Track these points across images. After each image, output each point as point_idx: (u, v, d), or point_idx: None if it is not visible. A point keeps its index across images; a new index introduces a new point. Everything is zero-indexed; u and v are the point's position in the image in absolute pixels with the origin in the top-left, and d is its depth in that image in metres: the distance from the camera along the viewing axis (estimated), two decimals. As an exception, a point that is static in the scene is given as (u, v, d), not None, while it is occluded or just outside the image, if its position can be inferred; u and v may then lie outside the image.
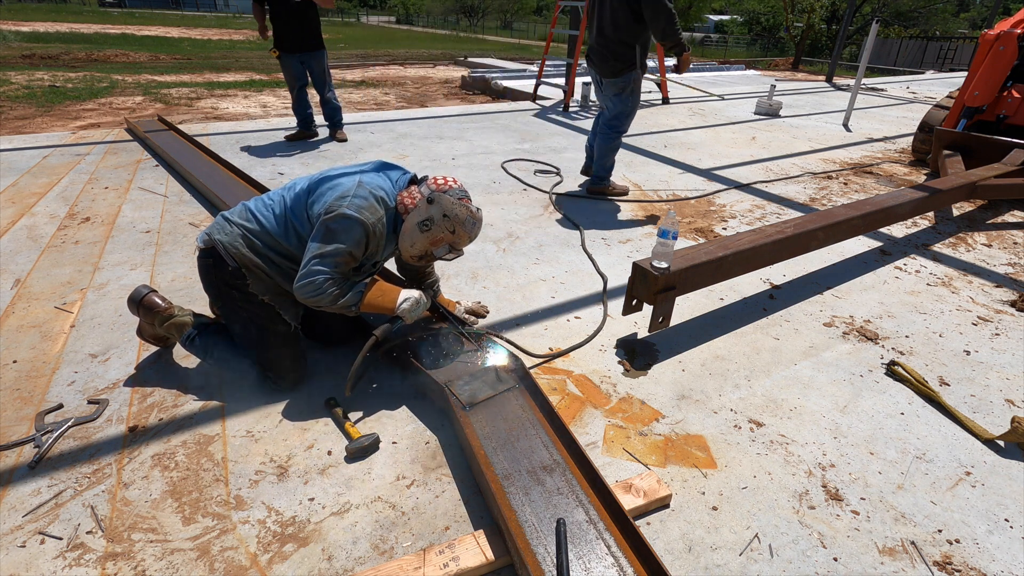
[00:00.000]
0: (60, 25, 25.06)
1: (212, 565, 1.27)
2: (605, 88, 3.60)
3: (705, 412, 1.84)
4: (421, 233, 1.75)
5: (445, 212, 1.73)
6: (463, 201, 1.76)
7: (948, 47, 23.14)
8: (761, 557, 1.35)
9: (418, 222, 1.74)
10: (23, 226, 3.00)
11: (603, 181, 3.87)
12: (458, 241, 1.79)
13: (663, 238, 1.96)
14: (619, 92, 3.54)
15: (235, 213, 1.81)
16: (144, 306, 1.89)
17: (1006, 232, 3.59)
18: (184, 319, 1.89)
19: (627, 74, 3.46)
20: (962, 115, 4.52)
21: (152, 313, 1.89)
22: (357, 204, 1.67)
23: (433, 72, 14.29)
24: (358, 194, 1.69)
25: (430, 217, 1.73)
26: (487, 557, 1.27)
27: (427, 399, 1.83)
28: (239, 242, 1.73)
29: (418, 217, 1.74)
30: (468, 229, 1.77)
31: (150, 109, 7.53)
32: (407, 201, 1.77)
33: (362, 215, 1.66)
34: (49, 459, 1.54)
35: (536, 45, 30.53)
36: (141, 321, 1.93)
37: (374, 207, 1.70)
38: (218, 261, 1.75)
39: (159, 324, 1.89)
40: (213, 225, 1.80)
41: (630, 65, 3.43)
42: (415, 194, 1.78)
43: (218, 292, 1.82)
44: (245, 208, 1.81)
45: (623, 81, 3.49)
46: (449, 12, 61.88)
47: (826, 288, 2.72)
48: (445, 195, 1.74)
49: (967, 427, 1.81)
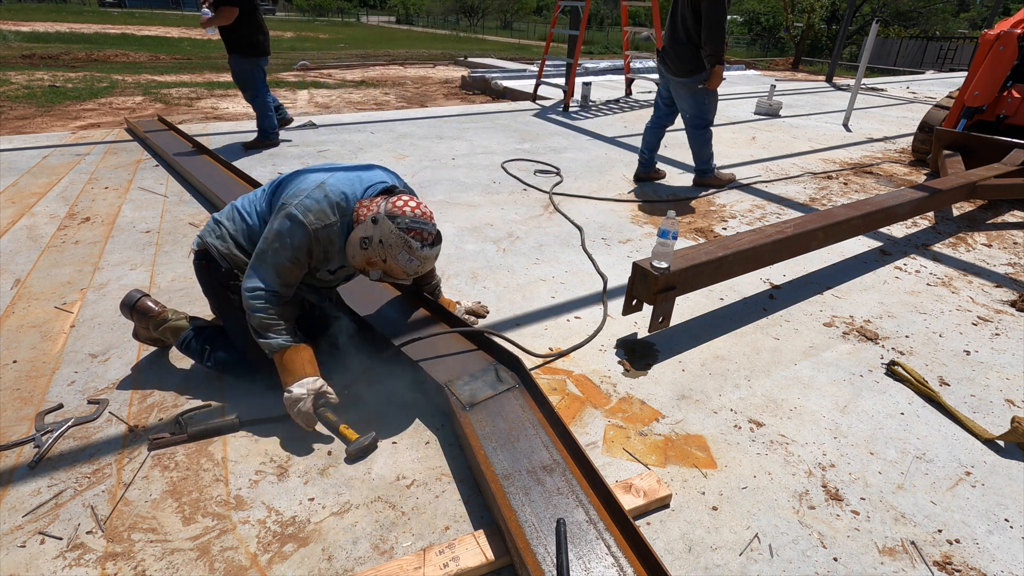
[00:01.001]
0: (60, 25, 25.06)
1: (212, 565, 1.27)
2: (675, 89, 3.85)
3: (705, 412, 1.84)
4: (360, 249, 1.63)
5: (382, 238, 1.58)
6: (410, 233, 1.57)
7: (948, 47, 23.12)
8: (761, 557, 1.35)
9: (360, 237, 1.62)
10: (23, 226, 3.00)
11: (706, 173, 4.12)
12: (391, 271, 1.64)
13: (663, 238, 1.96)
14: (691, 92, 3.78)
15: (223, 214, 1.80)
16: (138, 311, 1.89)
17: (1006, 232, 3.59)
18: (178, 323, 1.89)
19: (696, 75, 3.69)
20: (962, 115, 4.52)
21: (146, 318, 1.89)
22: (305, 205, 1.60)
23: (433, 72, 14.29)
24: (312, 195, 1.62)
25: (369, 237, 1.60)
26: (487, 557, 1.27)
27: (427, 399, 1.83)
28: (229, 242, 1.74)
29: (361, 232, 1.62)
30: (402, 264, 1.60)
31: (150, 109, 7.53)
32: (361, 211, 1.64)
33: (306, 218, 1.58)
34: (49, 459, 1.54)
35: (536, 45, 30.53)
36: (136, 325, 1.93)
37: (324, 212, 1.60)
38: (211, 263, 1.76)
39: (154, 328, 1.89)
40: (205, 227, 1.80)
41: (699, 67, 3.65)
42: (372, 207, 1.63)
43: (213, 293, 1.82)
44: (232, 208, 1.80)
45: (693, 81, 3.72)
46: (449, 12, 61.89)
47: (826, 288, 2.72)
48: (391, 220, 1.57)
49: (967, 427, 1.81)
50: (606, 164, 4.67)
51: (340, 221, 1.64)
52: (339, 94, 9.95)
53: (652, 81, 7.95)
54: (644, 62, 11.82)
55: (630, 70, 8.21)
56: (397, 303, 2.19)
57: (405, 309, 2.16)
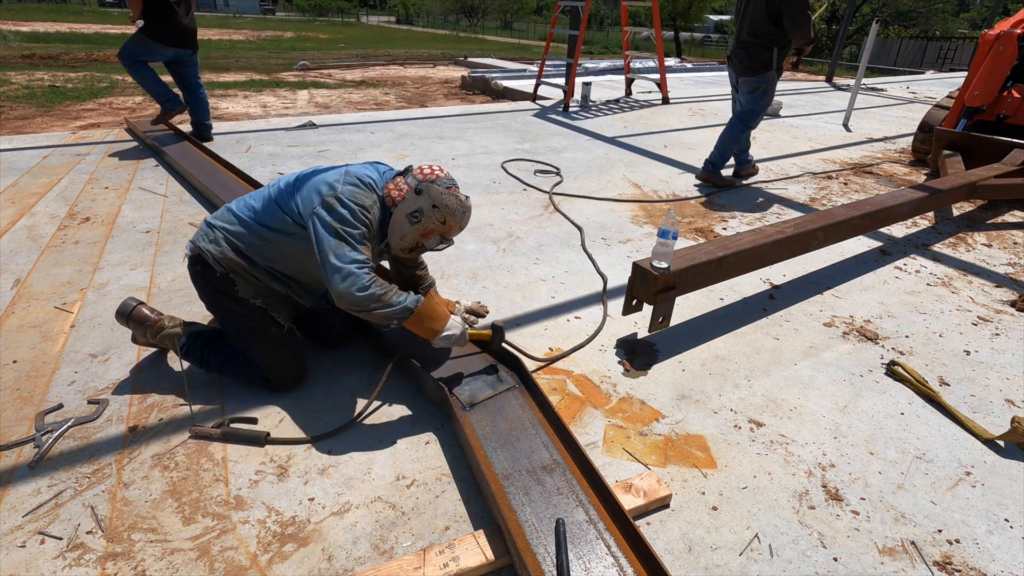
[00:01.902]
0: (60, 25, 25.06)
1: (212, 565, 1.27)
2: (741, 86, 4.01)
3: (705, 412, 1.84)
4: (411, 225, 1.70)
5: (435, 203, 1.68)
6: (451, 190, 1.70)
7: (948, 47, 23.13)
8: (761, 557, 1.35)
9: (407, 214, 1.69)
10: (23, 226, 3.00)
11: (716, 169, 4.22)
12: (449, 231, 1.74)
13: (663, 238, 1.96)
14: (753, 91, 3.93)
15: (218, 217, 1.77)
16: (134, 319, 1.88)
17: (1006, 232, 3.59)
18: (175, 330, 1.87)
19: (763, 74, 3.84)
20: (962, 115, 4.52)
21: (143, 326, 1.88)
22: (349, 191, 1.64)
23: (433, 72, 14.29)
24: (347, 182, 1.66)
25: (419, 208, 1.68)
26: (487, 557, 1.27)
27: (427, 399, 1.83)
28: (223, 246, 1.70)
29: (407, 209, 1.69)
30: (459, 218, 1.72)
31: (150, 109, 7.53)
32: (394, 193, 1.72)
33: (357, 199, 1.63)
34: (49, 459, 1.54)
35: (536, 45, 30.53)
36: (134, 332, 1.92)
37: (364, 194, 1.66)
38: (206, 268, 1.72)
39: (152, 336, 1.88)
40: (198, 232, 1.77)
41: (767, 66, 3.80)
42: (402, 185, 1.72)
43: (210, 298, 1.79)
44: (227, 211, 1.77)
45: (758, 80, 3.87)
46: (449, 12, 61.89)
47: (826, 288, 2.72)
48: (433, 184, 1.69)
49: (967, 427, 1.81)
50: (606, 164, 4.67)
51: (379, 202, 1.70)
52: (339, 94, 9.95)
53: (652, 81, 7.95)
54: (644, 62, 11.82)
55: (630, 70, 8.21)
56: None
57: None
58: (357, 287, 1.55)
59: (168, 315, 1.93)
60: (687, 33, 34.88)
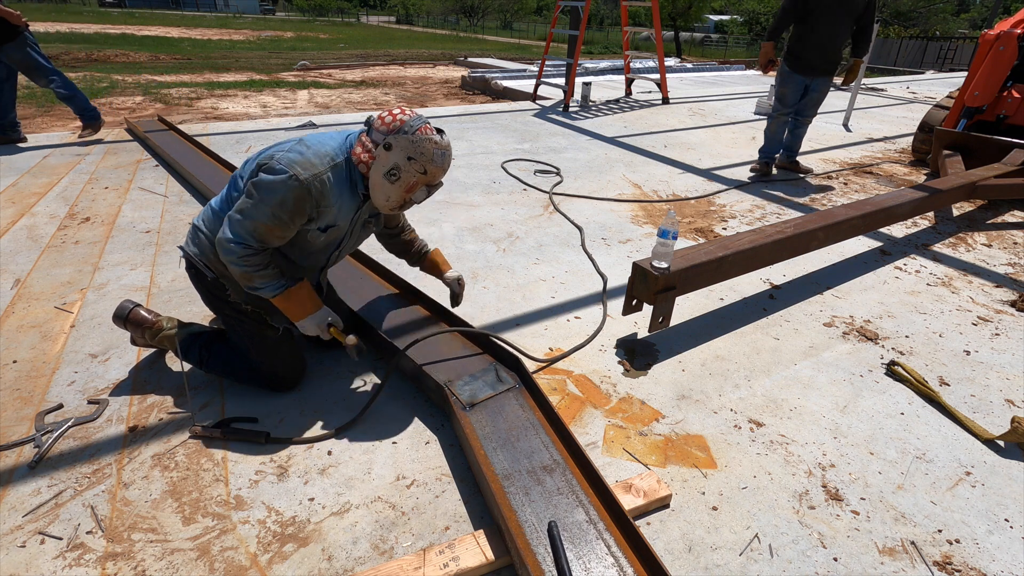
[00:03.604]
0: (60, 25, 25.05)
1: (212, 565, 1.27)
2: (817, 87, 4.29)
3: (705, 412, 1.84)
4: (392, 184, 1.56)
5: (409, 155, 1.52)
6: (422, 132, 1.52)
7: (948, 47, 23.12)
8: (761, 557, 1.35)
9: (384, 174, 1.55)
10: (23, 226, 3.00)
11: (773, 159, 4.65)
12: (433, 179, 1.60)
13: (663, 238, 1.96)
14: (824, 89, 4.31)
15: (201, 217, 1.69)
16: (131, 322, 1.87)
17: (1006, 232, 3.59)
18: (173, 332, 1.86)
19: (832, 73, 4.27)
20: (962, 115, 4.52)
21: (141, 328, 1.87)
22: (290, 158, 1.48)
23: (433, 72, 14.29)
24: (293, 148, 1.52)
25: (395, 165, 1.53)
26: (487, 557, 1.27)
27: (427, 399, 1.83)
28: (208, 249, 1.65)
29: (382, 168, 1.54)
30: (440, 163, 1.56)
31: (150, 109, 7.53)
32: (363, 156, 1.56)
33: (293, 170, 1.46)
34: (49, 459, 1.54)
35: (536, 45, 30.53)
36: (132, 334, 1.91)
37: (310, 162, 1.50)
38: (198, 273, 1.70)
39: (150, 338, 1.88)
40: (187, 235, 1.72)
41: (838, 65, 4.28)
42: (368, 144, 1.56)
43: (208, 300, 1.78)
44: (208, 208, 1.69)
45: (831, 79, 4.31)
46: (449, 12, 61.87)
47: (826, 288, 2.72)
48: (401, 135, 1.52)
49: (967, 427, 1.81)
50: (606, 164, 4.67)
51: (330, 171, 1.53)
52: (339, 94, 9.95)
53: (652, 81, 7.95)
54: (644, 62, 11.82)
55: (630, 70, 8.21)
56: (396, 303, 2.20)
57: (404, 309, 2.16)
58: (226, 260, 1.53)
59: (166, 316, 1.93)
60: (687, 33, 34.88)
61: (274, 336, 1.77)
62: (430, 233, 3.13)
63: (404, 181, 1.56)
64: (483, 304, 2.43)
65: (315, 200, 1.52)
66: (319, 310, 1.68)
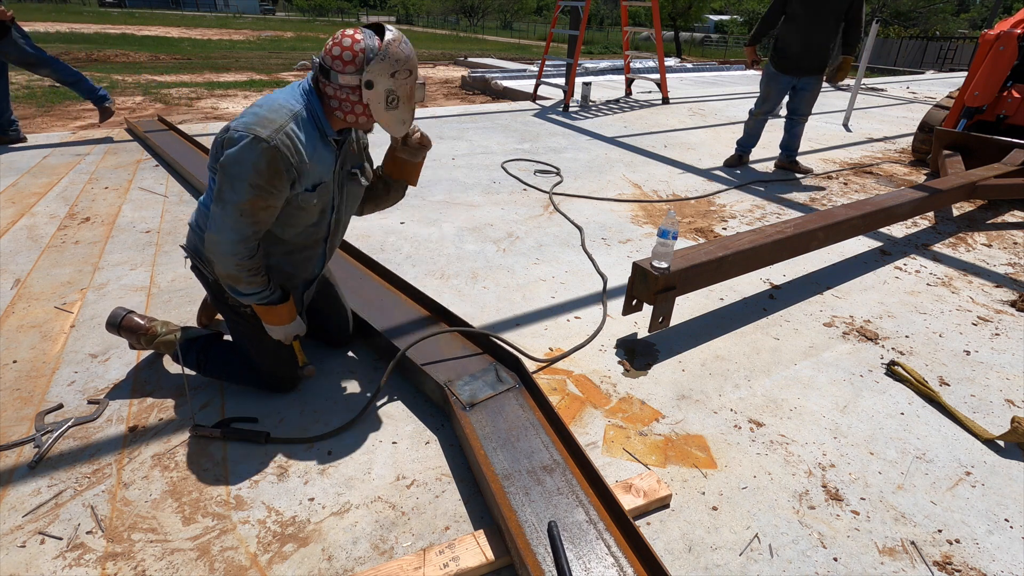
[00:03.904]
0: (60, 25, 25.06)
1: (212, 565, 1.27)
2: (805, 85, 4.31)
3: (705, 412, 1.84)
4: (398, 108, 1.49)
5: (391, 72, 1.43)
6: (381, 46, 1.41)
7: (948, 47, 23.12)
8: (761, 557, 1.35)
9: (384, 108, 1.47)
10: (23, 226, 3.00)
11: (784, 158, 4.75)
12: (414, 71, 1.49)
13: (663, 238, 1.96)
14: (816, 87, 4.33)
15: (195, 218, 1.65)
16: (125, 328, 1.86)
17: (1006, 232, 3.59)
18: (168, 338, 1.85)
19: None
20: (962, 115, 4.52)
21: (135, 334, 1.86)
22: (245, 123, 1.40)
23: (433, 72, 14.28)
24: (246, 113, 1.43)
25: (387, 92, 1.44)
26: (487, 557, 1.27)
27: (427, 399, 1.83)
28: (202, 249, 1.61)
29: (380, 106, 1.46)
30: (412, 53, 1.47)
31: (150, 109, 7.53)
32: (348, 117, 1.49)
33: (252, 131, 1.37)
34: (49, 459, 1.54)
35: (536, 45, 30.53)
36: (128, 339, 1.90)
37: (268, 119, 1.40)
38: (201, 274, 1.70)
39: (146, 344, 1.87)
40: (188, 237, 1.70)
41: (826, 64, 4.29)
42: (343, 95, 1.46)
43: (213, 300, 1.76)
44: (201, 207, 1.64)
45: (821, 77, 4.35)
46: (449, 12, 61.88)
47: (826, 288, 2.72)
48: (371, 64, 1.41)
49: (967, 427, 1.81)
50: (606, 164, 4.67)
51: (293, 122, 1.43)
52: (339, 94, 9.92)
53: (652, 81, 7.95)
54: (644, 62, 11.82)
55: (630, 70, 8.21)
56: (396, 303, 2.20)
57: (404, 309, 2.16)
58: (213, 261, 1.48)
59: (161, 320, 1.91)
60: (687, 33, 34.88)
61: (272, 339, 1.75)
62: (430, 233, 3.13)
63: (403, 95, 1.49)
64: (483, 304, 2.43)
65: (287, 156, 1.41)
66: (293, 321, 1.66)
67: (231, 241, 1.44)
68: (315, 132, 1.50)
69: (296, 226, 1.61)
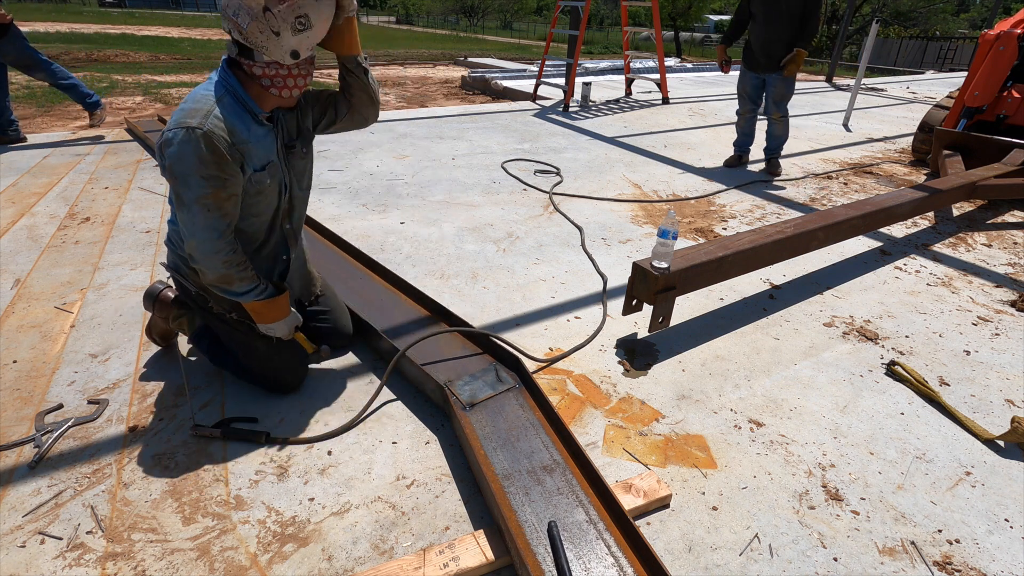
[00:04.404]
0: (60, 25, 25.05)
1: (212, 565, 1.27)
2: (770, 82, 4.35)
3: (705, 412, 1.84)
4: (309, 30, 1.41)
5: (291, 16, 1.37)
6: None
7: (948, 47, 23.11)
8: (761, 557, 1.35)
9: (294, 34, 1.40)
10: (23, 226, 3.00)
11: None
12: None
13: (663, 238, 1.96)
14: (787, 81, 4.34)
15: (168, 234, 1.68)
16: (160, 301, 1.89)
17: (1006, 232, 3.59)
18: (194, 316, 1.88)
19: None
20: (962, 115, 4.52)
21: (166, 308, 1.88)
22: (176, 120, 1.40)
23: (433, 72, 14.28)
24: (175, 113, 1.43)
25: (301, 16, 1.37)
26: (487, 557, 1.27)
27: (427, 399, 1.83)
28: (180, 261, 1.63)
29: (286, 29, 1.38)
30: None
31: (150, 109, 7.53)
32: (264, 82, 1.46)
33: (183, 124, 1.38)
34: (49, 459, 1.54)
35: (536, 45, 30.51)
36: (154, 316, 1.93)
37: (194, 110, 1.40)
38: (181, 286, 1.71)
39: (172, 320, 1.89)
40: (167, 256, 1.71)
41: None
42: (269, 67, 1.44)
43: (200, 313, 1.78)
44: (170, 224, 1.67)
45: None
46: (449, 12, 61.86)
47: (826, 288, 2.72)
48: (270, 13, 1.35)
49: (967, 427, 1.81)
50: (606, 164, 4.67)
51: (217, 107, 1.42)
52: (339, 94, 9.92)
53: (652, 81, 7.95)
54: (644, 62, 11.81)
55: (630, 70, 8.21)
56: (396, 303, 2.20)
57: (404, 309, 2.16)
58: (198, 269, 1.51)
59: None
60: (687, 33, 34.85)
61: (264, 346, 1.74)
62: (430, 233, 3.13)
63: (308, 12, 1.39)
64: (483, 304, 2.43)
65: (223, 137, 1.41)
66: (290, 314, 1.70)
67: (210, 239, 1.47)
68: (245, 113, 1.50)
69: (260, 214, 1.63)
